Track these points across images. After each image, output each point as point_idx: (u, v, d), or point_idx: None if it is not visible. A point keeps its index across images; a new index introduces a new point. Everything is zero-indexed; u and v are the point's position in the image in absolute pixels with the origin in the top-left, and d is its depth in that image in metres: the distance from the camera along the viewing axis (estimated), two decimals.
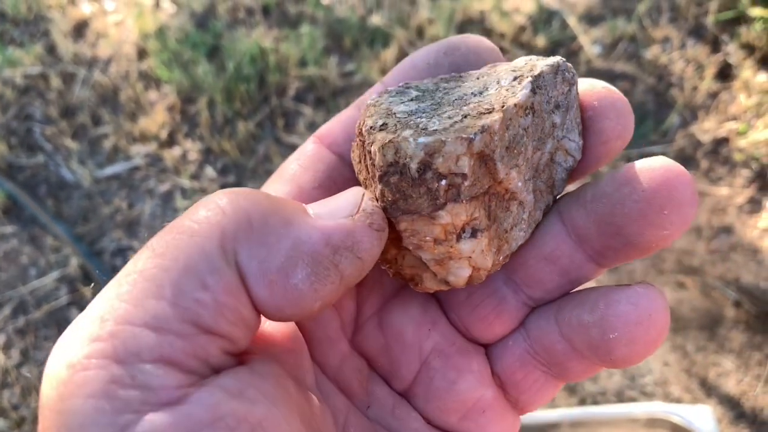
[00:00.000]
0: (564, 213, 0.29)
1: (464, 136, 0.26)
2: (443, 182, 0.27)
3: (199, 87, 1.89)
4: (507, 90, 0.29)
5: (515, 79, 0.29)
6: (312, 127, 1.79)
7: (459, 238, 0.28)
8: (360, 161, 0.30)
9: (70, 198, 1.78)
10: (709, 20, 1.81)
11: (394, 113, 0.29)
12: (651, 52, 1.78)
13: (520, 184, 0.29)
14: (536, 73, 0.29)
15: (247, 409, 0.22)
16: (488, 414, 0.31)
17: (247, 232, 0.23)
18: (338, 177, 0.32)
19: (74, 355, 0.21)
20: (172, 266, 0.22)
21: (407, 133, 0.27)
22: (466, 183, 0.27)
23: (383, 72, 1.83)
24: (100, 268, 1.61)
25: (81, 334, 0.22)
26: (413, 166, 0.27)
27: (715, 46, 1.77)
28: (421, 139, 0.27)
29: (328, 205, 0.26)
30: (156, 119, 1.86)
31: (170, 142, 1.83)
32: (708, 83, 1.69)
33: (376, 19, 1.97)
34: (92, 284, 1.55)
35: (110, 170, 1.81)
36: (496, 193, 0.29)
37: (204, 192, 1.71)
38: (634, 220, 0.26)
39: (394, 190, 0.27)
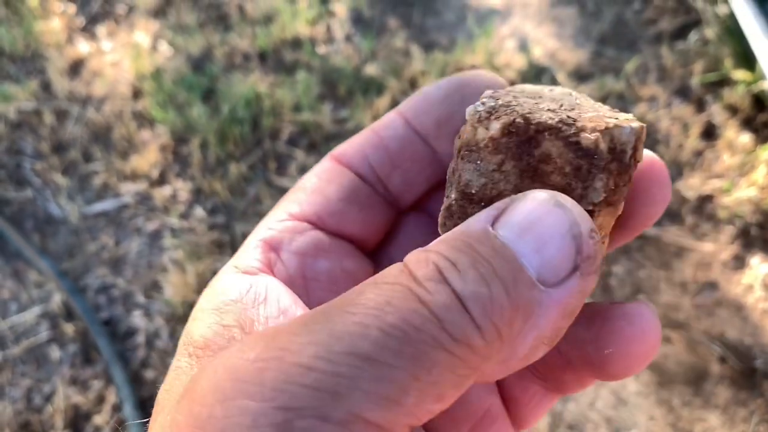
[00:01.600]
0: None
1: (641, 124, 0.25)
2: (634, 171, 0.26)
3: (192, 128, 1.91)
4: (610, 111, 0.27)
5: (610, 108, 0.28)
6: (303, 170, 1.81)
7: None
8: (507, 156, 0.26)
9: (56, 233, 1.77)
10: (695, 81, 1.86)
11: (537, 105, 0.26)
12: (638, 110, 1.83)
13: None
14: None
15: (453, 412, 0.22)
16: (496, 426, 0.31)
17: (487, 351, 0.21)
18: (360, 192, 0.32)
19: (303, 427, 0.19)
20: (415, 370, 0.20)
21: (610, 120, 0.25)
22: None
23: (376, 119, 1.86)
24: (83, 305, 1.59)
25: (308, 403, 0.19)
26: (629, 151, 0.25)
27: (700, 106, 1.82)
28: (633, 125, 0.25)
29: (539, 251, 0.22)
30: (148, 158, 1.86)
31: (161, 181, 1.84)
32: (693, 142, 1.73)
33: (370, 69, 2.01)
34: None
35: (99, 207, 1.81)
36: None
37: (192, 231, 1.71)
38: (616, 351, 0.27)
39: (615, 178, 0.25)
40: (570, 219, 0.22)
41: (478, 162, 0.25)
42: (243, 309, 0.28)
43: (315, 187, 0.32)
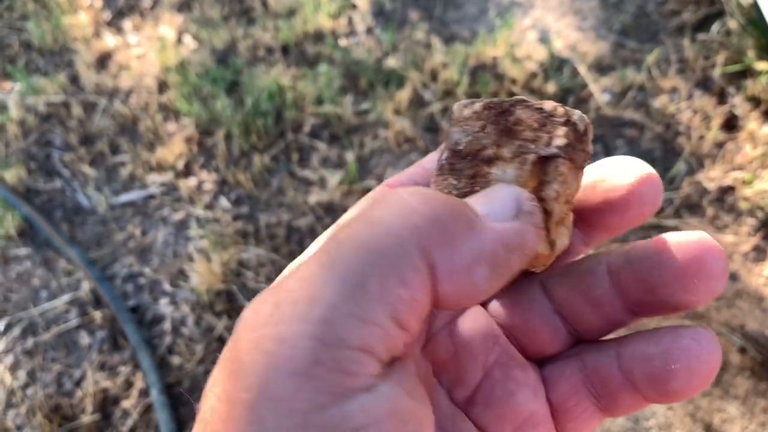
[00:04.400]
0: (611, 265, 0.33)
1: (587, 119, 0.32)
2: (588, 150, 0.31)
3: (217, 120, 1.94)
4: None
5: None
6: (325, 161, 1.83)
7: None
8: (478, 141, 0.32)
9: (84, 223, 1.81)
10: (716, 73, 1.86)
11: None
12: (659, 102, 1.83)
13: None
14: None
15: (416, 408, 0.24)
16: (539, 430, 0.33)
17: (440, 234, 0.25)
18: None
19: (283, 331, 0.23)
20: (375, 263, 0.24)
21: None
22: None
23: (397, 112, 1.88)
24: (111, 293, 1.63)
25: (289, 309, 0.23)
26: (580, 126, 0.31)
27: (722, 97, 1.81)
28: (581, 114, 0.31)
29: (489, 205, 0.28)
30: (173, 150, 1.90)
31: (186, 172, 1.87)
32: (714, 133, 1.73)
33: (391, 62, 2.03)
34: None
35: (126, 197, 1.85)
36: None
37: (217, 221, 1.74)
38: (667, 283, 0.30)
39: (573, 137, 0.31)
40: (516, 190, 0.29)
41: (465, 127, 0.32)
42: None
43: None
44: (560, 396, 0.34)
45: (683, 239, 0.30)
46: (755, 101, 1.77)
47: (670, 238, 0.31)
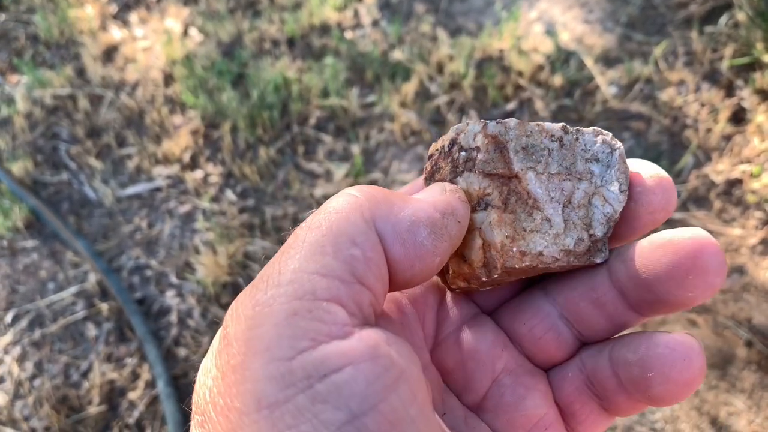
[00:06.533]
0: (611, 267, 0.34)
1: (482, 120, 0.34)
2: (463, 153, 0.35)
3: (223, 113, 1.94)
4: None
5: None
6: (331, 154, 1.83)
7: (474, 210, 0.34)
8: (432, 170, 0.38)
9: (91, 215, 1.82)
10: (724, 65, 1.85)
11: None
12: (666, 94, 1.82)
13: (540, 191, 0.34)
14: (575, 128, 0.36)
15: (397, 356, 0.26)
16: None
17: (379, 206, 0.30)
18: None
19: (260, 297, 0.26)
20: (327, 233, 0.28)
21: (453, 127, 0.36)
22: (480, 156, 0.34)
23: (403, 104, 1.87)
24: (117, 285, 1.63)
25: (263, 284, 0.27)
26: (446, 143, 0.35)
27: (730, 90, 1.80)
28: (456, 126, 0.35)
29: (423, 192, 0.33)
30: (179, 142, 1.90)
31: (192, 165, 1.87)
32: (722, 126, 1.72)
33: (397, 54, 2.02)
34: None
35: (132, 190, 1.85)
36: (517, 192, 0.34)
37: (223, 214, 1.74)
38: (663, 280, 0.31)
39: (432, 164, 0.36)
40: (442, 183, 0.34)
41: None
42: None
43: None
44: (566, 398, 0.34)
45: (676, 236, 0.30)
46: (763, 94, 1.76)
47: (664, 235, 0.31)
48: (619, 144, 0.36)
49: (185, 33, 2.24)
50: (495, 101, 1.88)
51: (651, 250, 0.31)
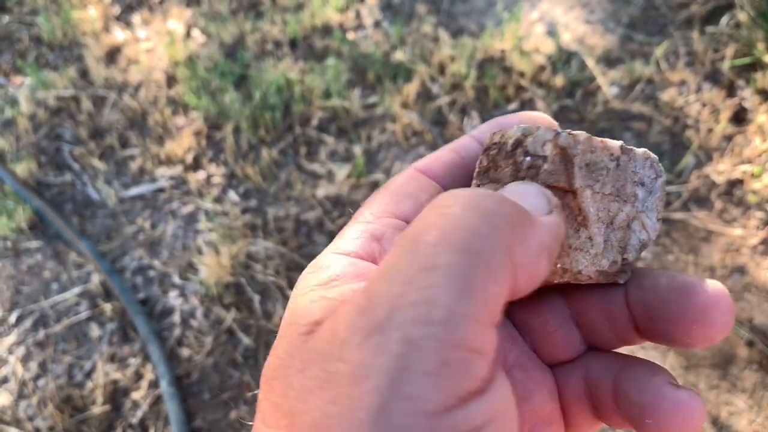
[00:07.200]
0: (628, 288, 0.34)
1: (554, 128, 0.33)
2: (528, 159, 0.33)
3: (225, 114, 1.95)
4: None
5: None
6: (333, 155, 1.84)
7: None
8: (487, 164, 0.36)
9: (94, 216, 1.83)
10: (725, 65, 1.85)
11: None
12: (668, 95, 1.82)
13: (591, 209, 0.34)
14: (629, 147, 0.36)
15: (518, 410, 0.26)
16: (553, 428, 0.34)
17: (514, 231, 0.27)
18: None
19: (413, 333, 0.23)
20: (475, 263, 0.25)
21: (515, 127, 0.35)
22: (546, 167, 0.33)
23: (405, 105, 1.88)
24: (121, 285, 1.64)
25: (413, 314, 0.24)
26: (510, 142, 0.34)
27: (731, 90, 1.80)
28: (522, 125, 0.34)
29: (525, 200, 0.31)
30: (182, 143, 1.91)
31: (195, 166, 1.88)
32: (723, 126, 1.72)
33: (399, 55, 2.03)
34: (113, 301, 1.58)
35: (135, 191, 1.86)
36: (569, 207, 0.34)
37: (226, 215, 1.75)
38: (669, 320, 0.31)
39: (490, 160, 0.34)
40: (537, 186, 0.32)
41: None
42: (345, 283, 0.31)
43: (407, 192, 0.36)
44: (567, 400, 0.35)
45: (696, 286, 0.31)
46: (765, 94, 1.76)
47: (685, 280, 0.31)
48: (662, 169, 0.36)
49: (188, 34, 2.25)
50: (496, 102, 1.89)
51: (668, 290, 0.31)
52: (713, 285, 0.30)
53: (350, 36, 2.14)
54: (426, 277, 0.24)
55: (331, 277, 0.31)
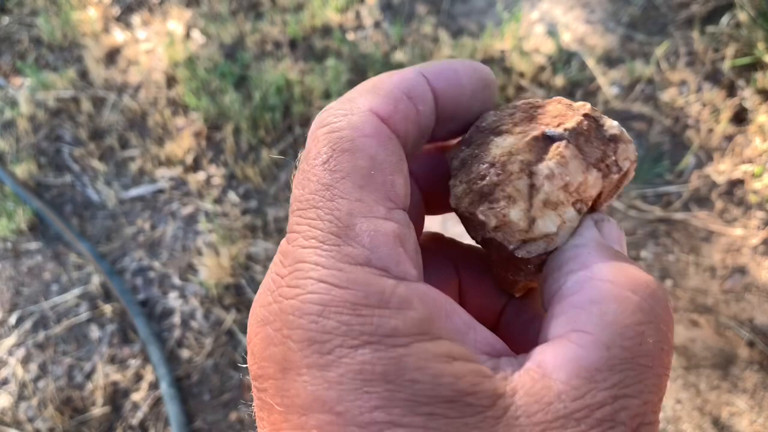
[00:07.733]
0: None
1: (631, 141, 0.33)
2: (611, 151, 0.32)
3: (225, 115, 1.95)
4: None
5: None
6: None
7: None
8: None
9: (94, 217, 1.83)
10: (726, 65, 1.85)
11: None
12: (668, 95, 1.82)
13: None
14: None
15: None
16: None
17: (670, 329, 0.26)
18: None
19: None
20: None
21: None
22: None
23: None
24: (121, 286, 1.64)
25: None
26: (607, 127, 0.32)
27: (731, 90, 1.80)
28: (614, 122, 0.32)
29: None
30: (182, 144, 1.91)
31: (195, 166, 1.88)
32: (724, 126, 1.72)
33: (399, 56, 2.03)
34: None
35: (135, 192, 1.86)
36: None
37: (226, 216, 1.75)
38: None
39: (584, 129, 0.31)
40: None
41: (498, 112, 0.33)
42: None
43: (385, 166, 0.27)
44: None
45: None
46: (765, 94, 1.76)
47: None
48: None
49: (187, 35, 2.25)
50: (497, 102, 1.88)
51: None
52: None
53: (350, 36, 2.14)
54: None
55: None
